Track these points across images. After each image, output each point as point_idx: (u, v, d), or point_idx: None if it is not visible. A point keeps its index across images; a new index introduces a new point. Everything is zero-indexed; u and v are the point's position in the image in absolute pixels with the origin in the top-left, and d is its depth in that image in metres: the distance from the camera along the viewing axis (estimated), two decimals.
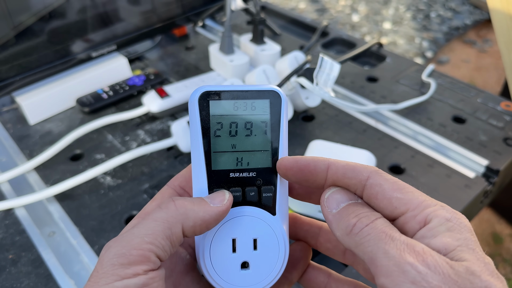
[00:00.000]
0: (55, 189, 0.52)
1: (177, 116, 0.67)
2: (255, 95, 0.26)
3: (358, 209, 0.22)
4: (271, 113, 0.26)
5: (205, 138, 0.25)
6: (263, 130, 0.26)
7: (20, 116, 0.68)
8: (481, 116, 0.65)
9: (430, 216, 0.21)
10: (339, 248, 0.28)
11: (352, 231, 0.21)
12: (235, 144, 0.26)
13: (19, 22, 0.60)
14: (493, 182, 0.55)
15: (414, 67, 0.77)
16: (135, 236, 0.21)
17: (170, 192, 0.27)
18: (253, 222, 0.26)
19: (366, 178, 0.23)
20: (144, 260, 0.21)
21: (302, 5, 2.54)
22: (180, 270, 0.26)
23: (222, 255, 0.25)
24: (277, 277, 0.26)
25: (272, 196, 0.26)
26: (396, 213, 0.22)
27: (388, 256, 0.19)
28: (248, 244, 0.26)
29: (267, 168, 0.26)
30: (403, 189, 0.22)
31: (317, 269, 0.29)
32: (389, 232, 0.20)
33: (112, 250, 0.21)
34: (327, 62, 0.59)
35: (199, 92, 0.25)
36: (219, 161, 0.26)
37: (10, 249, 0.48)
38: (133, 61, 0.81)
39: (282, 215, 0.26)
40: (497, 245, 1.20)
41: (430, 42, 2.16)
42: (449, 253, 0.19)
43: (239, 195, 0.26)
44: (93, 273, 0.21)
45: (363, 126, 0.64)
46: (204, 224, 0.23)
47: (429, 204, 0.21)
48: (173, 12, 0.78)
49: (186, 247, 0.28)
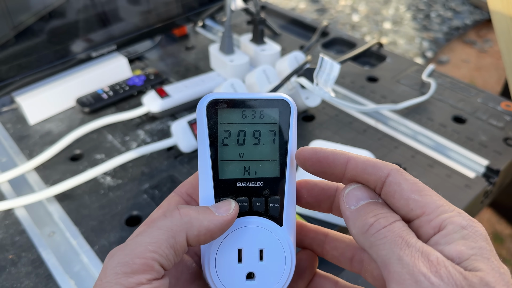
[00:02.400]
0: (55, 189, 0.52)
1: (177, 116, 0.67)
2: (263, 104, 0.25)
3: (377, 209, 0.22)
4: (280, 122, 0.25)
5: (213, 146, 0.25)
6: (272, 139, 0.26)
7: (20, 116, 0.68)
8: (481, 116, 0.65)
9: (445, 222, 0.20)
10: (346, 256, 0.27)
11: (369, 231, 0.21)
12: (242, 153, 0.25)
13: (19, 22, 0.60)
14: (494, 182, 0.55)
15: (414, 67, 0.77)
16: (139, 245, 0.21)
17: (177, 199, 0.27)
18: (260, 233, 0.25)
19: (386, 175, 0.22)
20: (147, 269, 0.20)
21: (302, 5, 2.54)
22: (186, 278, 0.26)
23: (227, 265, 0.25)
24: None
25: (279, 206, 0.26)
26: (412, 215, 0.21)
27: (402, 263, 0.19)
28: (254, 254, 0.25)
29: (275, 177, 0.26)
30: (422, 191, 0.21)
31: (324, 277, 0.28)
32: (406, 237, 0.20)
33: (115, 259, 0.21)
34: (327, 62, 0.59)
35: (207, 100, 0.25)
36: (226, 170, 0.25)
37: (10, 249, 0.48)
38: (133, 61, 0.81)
39: (289, 226, 0.26)
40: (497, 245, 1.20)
41: (430, 42, 2.16)
42: (463, 262, 0.19)
43: (245, 205, 0.25)
44: (97, 282, 0.20)
45: (363, 126, 0.64)
46: (208, 233, 0.23)
47: (446, 210, 0.21)
48: (173, 12, 0.78)
49: (192, 255, 0.27)
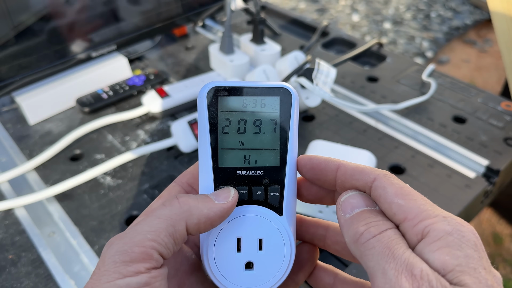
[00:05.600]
0: (55, 189, 0.52)
1: (177, 116, 0.67)
2: (265, 92, 0.25)
3: (370, 217, 0.21)
4: (281, 111, 0.25)
5: (213, 134, 0.25)
6: (272, 128, 0.25)
7: (20, 116, 0.68)
8: (481, 116, 0.65)
9: (427, 228, 0.19)
10: (348, 250, 0.27)
11: (359, 240, 0.21)
12: (243, 141, 0.25)
13: (19, 22, 0.60)
14: (494, 182, 0.55)
15: (414, 67, 0.77)
16: (138, 233, 0.21)
17: (177, 189, 0.27)
18: (259, 222, 0.25)
19: (372, 180, 0.22)
20: (146, 258, 0.20)
21: (302, 5, 2.54)
22: (185, 269, 0.26)
23: (226, 254, 0.25)
24: (282, 279, 0.25)
25: (279, 195, 0.25)
26: (395, 219, 0.21)
27: (386, 277, 0.19)
28: (253, 244, 0.25)
29: (275, 167, 0.25)
30: (407, 195, 0.21)
31: (323, 269, 0.28)
32: (394, 247, 0.19)
33: (114, 247, 0.21)
34: (323, 66, 0.60)
35: (208, 88, 0.25)
36: (226, 158, 0.25)
37: (10, 249, 0.48)
38: (133, 61, 0.81)
39: (289, 215, 0.26)
40: (497, 245, 1.20)
41: (430, 42, 2.16)
42: (448, 273, 0.18)
43: (245, 194, 0.25)
44: (95, 270, 0.20)
45: (363, 126, 0.64)
46: (208, 221, 0.23)
47: (429, 215, 0.20)
48: (173, 12, 0.78)
49: (192, 246, 0.27)
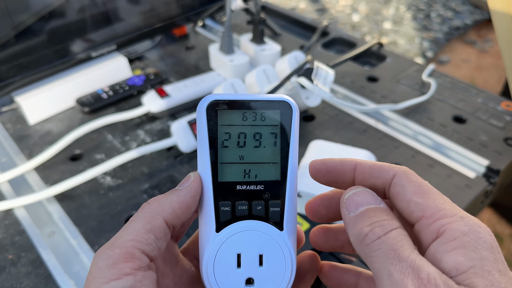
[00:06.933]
0: (55, 189, 0.52)
1: (177, 116, 0.67)
2: (265, 105, 0.25)
3: (375, 216, 0.21)
4: (282, 124, 0.25)
5: (212, 148, 0.24)
6: (273, 141, 0.25)
7: (20, 116, 0.68)
8: (481, 116, 0.65)
9: (444, 228, 0.19)
10: None
11: (364, 241, 0.20)
12: (243, 156, 0.25)
13: (19, 22, 0.60)
14: (494, 182, 0.55)
15: (415, 67, 0.77)
16: (117, 238, 0.22)
17: None
18: (259, 237, 0.25)
19: (391, 177, 0.22)
20: (128, 257, 0.21)
21: (302, 5, 2.54)
22: (184, 282, 0.26)
23: (226, 270, 0.24)
24: None
25: (280, 210, 0.25)
26: (412, 218, 0.21)
27: (391, 280, 0.18)
28: (253, 259, 0.25)
29: (275, 181, 0.25)
30: (426, 194, 0.21)
31: (345, 270, 0.27)
32: (399, 249, 0.19)
33: (97, 255, 0.21)
34: (322, 70, 0.61)
35: (207, 101, 0.24)
36: (226, 172, 0.25)
37: (10, 249, 0.48)
38: (133, 61, 0.81)
39: (290, 230, 0.25)
40: None
41: (430, 42, 2.16)
42: (460, 275, 0.18)
43: (245, 209, 0.25)
44: (85, 282, 0.21)
45: (363, 126, 0.64)
46: (183, 205, 0.23)
47: (446, 214, 0.19)
48: (173, 12, 0.78)
49: (191, 259, 0.27)
